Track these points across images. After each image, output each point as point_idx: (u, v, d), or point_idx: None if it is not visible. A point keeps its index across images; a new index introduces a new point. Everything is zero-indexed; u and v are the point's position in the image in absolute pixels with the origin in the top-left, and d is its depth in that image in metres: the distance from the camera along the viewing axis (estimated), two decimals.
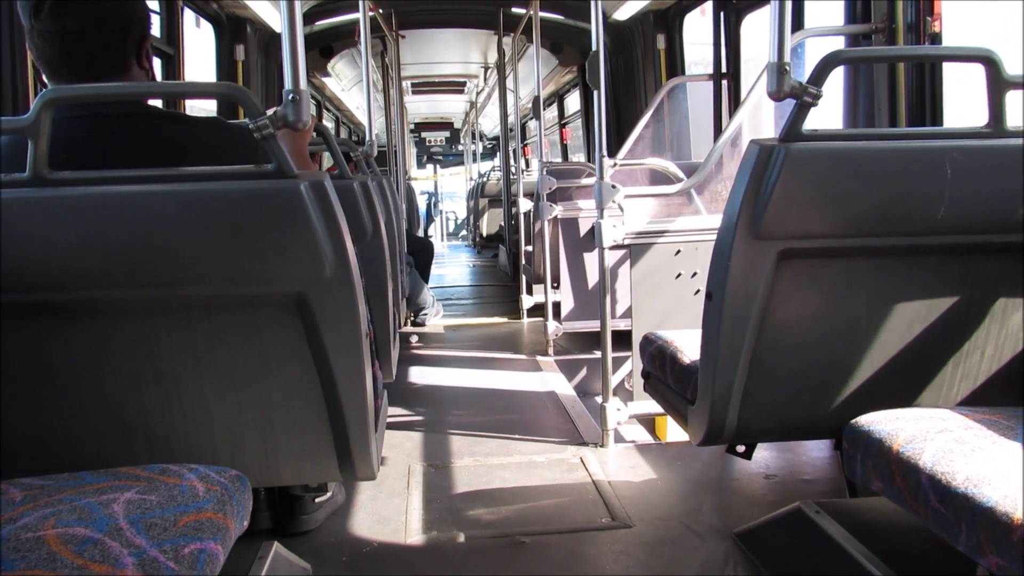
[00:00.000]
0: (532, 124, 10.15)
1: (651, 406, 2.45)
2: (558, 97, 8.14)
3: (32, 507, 1.06)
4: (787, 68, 1.41)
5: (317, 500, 2.01)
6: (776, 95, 1.43)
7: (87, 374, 1.36)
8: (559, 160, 8.66)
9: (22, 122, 1.23)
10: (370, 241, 2.28)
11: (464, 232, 14.66)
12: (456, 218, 16.36)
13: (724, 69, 4.21)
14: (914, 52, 2.30)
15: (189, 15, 4.01)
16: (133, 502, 1.07)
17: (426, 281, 5.32)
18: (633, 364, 2.79)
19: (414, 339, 4.62)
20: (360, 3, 3.47)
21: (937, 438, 1.27)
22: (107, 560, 0.95)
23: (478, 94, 9.90)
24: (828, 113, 2.75)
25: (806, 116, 1.45)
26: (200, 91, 1.97)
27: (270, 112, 1.25)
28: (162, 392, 1.37)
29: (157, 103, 1.69)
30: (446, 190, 17.15)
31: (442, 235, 14.62)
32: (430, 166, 16.98)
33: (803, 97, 1.42)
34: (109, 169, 1.30)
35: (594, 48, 2.51)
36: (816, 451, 2.45)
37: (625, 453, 2.55)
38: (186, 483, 1.15)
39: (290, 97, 1.26)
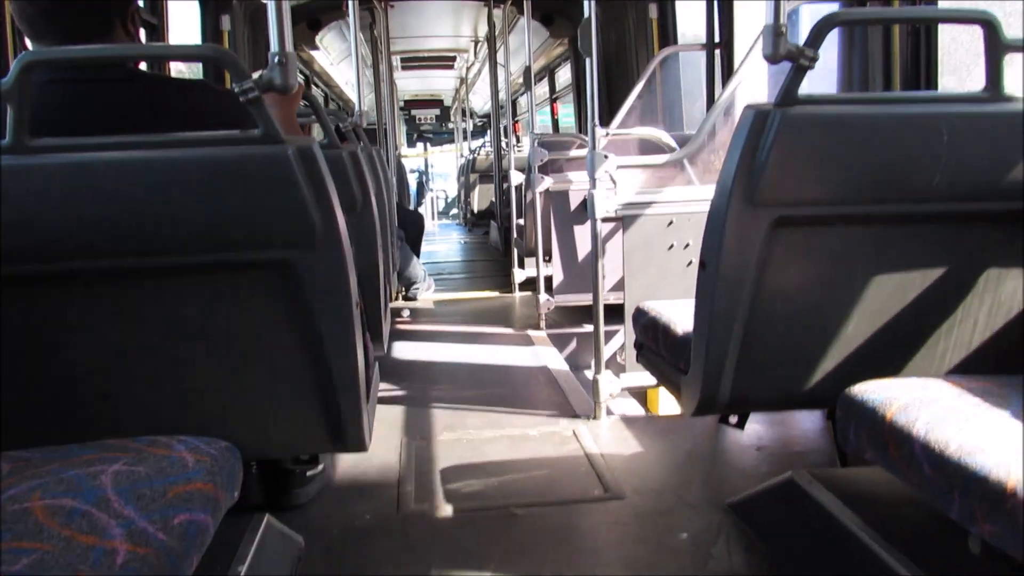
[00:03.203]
0: (522, 101, 10.08)
1: (643, 378, 2.45)
2: (549, 72, 8.07)
3: (18, 479, 1.05)
4: (783, 30, 1.39)
5: (309, 474, 2.00)
6: (772, 58, 1.40)
7: (73, 345, 1.34)
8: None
9: (0, 86, 1.20)
10: (360, 212, 2.25)
11: (455, 210, 14.60)
12: (447, 196, 16.30)
13: (717, 39, 4.18)
14: (911, 14, 2.28)
15: None
16: (121, 473, 1.06)
17: (417, 255, 5.30)
18: (625, 336, 2.79)
19: (405, 313, 4.60)
20: None
21: (930, 406, 1.27)
22: (95, 531, 0.94)
23: (468, 70, 9.81)
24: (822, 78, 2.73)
25: (802, 79, 1.43)
26: (184, 53, 1.92)
27: (256, 75, 1.22)
28: (149, 363, 1.36)
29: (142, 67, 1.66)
30: (437, 170, 17.08)
31: (433, 214, 14.56)
32: (420, 144, 16.87)
33: (799, 60, 1.40)
34: (93, 134, 1.27)
35: (585, 15, 2.47)
36: (807, 422, 2.46)
37: (617, 426, 2.55)
38: (175, 454, 1.13)
39: (276, 60, 1.23)
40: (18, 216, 1.24)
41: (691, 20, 4.60)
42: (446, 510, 1.98)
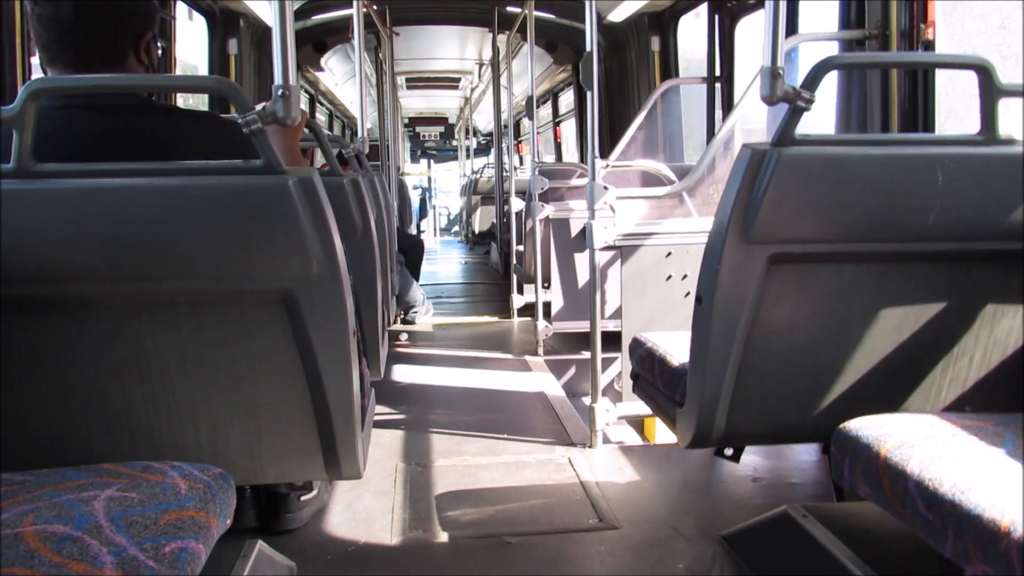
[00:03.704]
0: (526, 121, 10.15)
1: (640, 407, 2.45)
2: (552, 95, 8.14)
3: (11, 503, 1.05)
4: (781, 72, 1.41)
5: (302, 498, 1.99)
6: (769, 99, 1.42)
7: (71, 369, 1.34)
8: (552, 159, 8.66)
9: (7, 112, 1.21)
10: (360, 239, 2.26)
11: (457, 228, 14.64)
12: (449, 213, 16.33)
13: (718, 72, 4.21)
14: (908, 59, 2.30)
15: (182, 8, 3.98)
16: (114, 499, 1.06)
17: (417, 279, 5.31)
18: (622, 365, 2.79)
19: (404, 337, 4.60)
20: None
21: (925, 444, 1.27)
22: (86, 558, 0.94)
23: (472, 90, 9.89)
24: (821, 118, 2.76)
25: (799, 121, 1.45)
26: (189, 85, 1.95)
27: (259, 107, 1.24)
28: (147, 388, 1.36)
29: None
30: (440, 186, 17.13)
31: (435, 230, 14.59)
32: (424, 161, 16.94)
33: (796, 102, 1.42)
34: (96, 161, 1.28)
35: (588, 49, 2.50)
36: (803, 454, 2.46)
37: (613, 454, 2.54)
38: (168, 481, 1.13)
39: (280, 93, 1.25)
40: (20, 239, 1.25)
41: (694, 43, 4.64)
42: (440, 537, 1.97)
